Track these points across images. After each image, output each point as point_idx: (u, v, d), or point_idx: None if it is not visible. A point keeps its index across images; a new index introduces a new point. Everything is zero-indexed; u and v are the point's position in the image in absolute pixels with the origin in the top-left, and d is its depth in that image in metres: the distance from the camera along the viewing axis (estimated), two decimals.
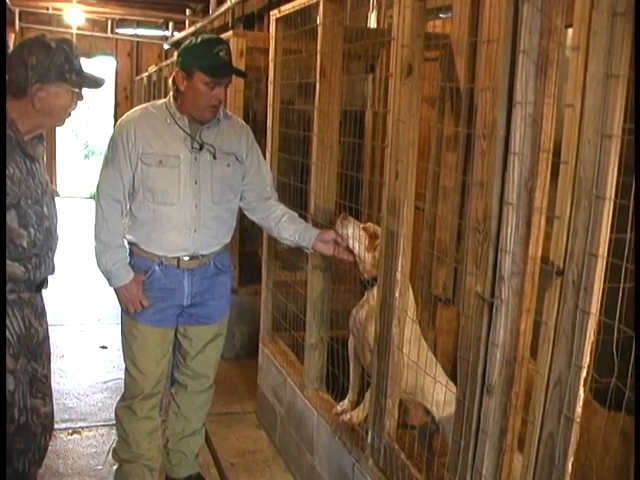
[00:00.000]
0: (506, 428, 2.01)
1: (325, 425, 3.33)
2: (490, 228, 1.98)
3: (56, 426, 4.19)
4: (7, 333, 2.65)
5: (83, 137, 21.34)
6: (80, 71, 2.64)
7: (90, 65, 13.22)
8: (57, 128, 13.03)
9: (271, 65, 4.10)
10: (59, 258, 2.93)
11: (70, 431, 4.28)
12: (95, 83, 2.72)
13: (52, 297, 5.86)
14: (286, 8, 3.79)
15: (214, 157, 3.17)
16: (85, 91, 2.73)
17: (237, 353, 5.48)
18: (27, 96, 2.56)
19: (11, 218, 2.57)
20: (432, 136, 4.21)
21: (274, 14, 3.98)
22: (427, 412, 3.09)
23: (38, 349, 2.85)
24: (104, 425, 4.35)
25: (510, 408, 2.00)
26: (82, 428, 4.32)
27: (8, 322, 2.65)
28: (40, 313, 2.85)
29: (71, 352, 5.62)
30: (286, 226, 3.34)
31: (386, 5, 4.89)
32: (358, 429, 3.08)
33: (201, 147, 3.14)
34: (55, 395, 4.63)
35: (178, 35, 11.33)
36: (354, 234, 3.16)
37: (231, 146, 3.25)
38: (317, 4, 3.33)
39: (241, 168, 3.30)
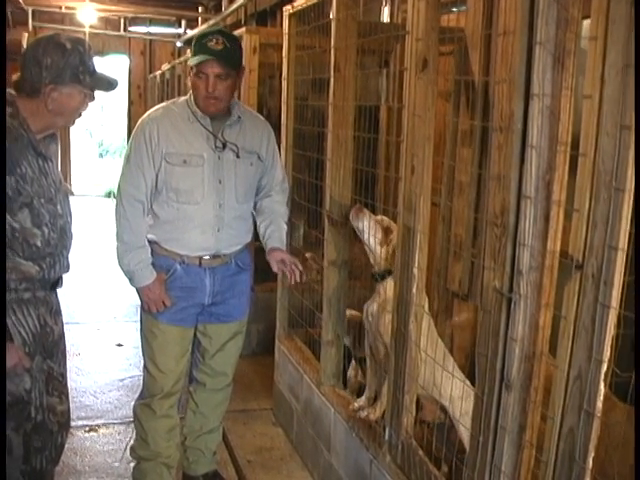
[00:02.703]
0: (525, 424, 2.00)
1: (342, 422, 3.32)
2: (508, 222, 1.97)
3: (73, 423, 4.19)
4: (22, 331, 2.64)
5: (97, 136, 21.44)
6: (94, 73, 2.63)
7: (103, 64, 13.25)
8: (71, 127, 13.14)
9: (284, 61, 4.08)
10: (74, 256, 2.92)
11: (87, 429, 4.29)
12: (108, 85, 2.71)
13: (68, 295, 5.88)
14: (299, 4, 3.78)
15: (237, 156, 3.15)
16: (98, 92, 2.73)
17: (253, 350, 5.47)
18: (40, 96, 2.55)
19: (24, 217, 2.57)
20: (447, 130, 4.19)
21: (287, 10, 3.97)
22: (442, 408, 3.09)
23: (54, 347, 2.85)
24: (121, 423, 4.36)
25: (529, 404, 1.98)
26: (99, 425, 4.33)
27: (23, 320, 2.65)
28: (55, 311, 2.85)
29: (87, 350, 5.63)
30: (262, 226, 3.39)
31: None
32: (375, 426, 3.06)
33: (224, 146, 3.12)
34: (72, 393, 4.64)
35: (191, 32, 11.33)
36: (368, 226, 3.16)
37: (253, 144, 3.22)
38: None
39: (261, 166, 3.29)
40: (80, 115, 2.71)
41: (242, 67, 3.15)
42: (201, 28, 10.38)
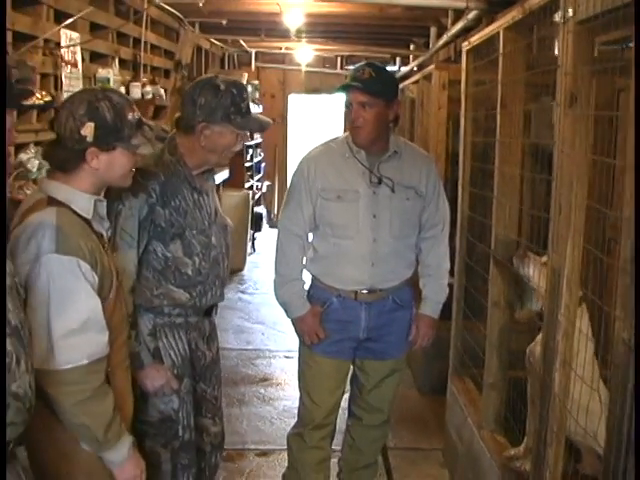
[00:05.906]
0: None
1: (496, 470, 3.18)
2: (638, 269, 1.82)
3: (245, 446, 4.38)
4: (172, 354, 2.79)
5: None
6: (246, 114, 2.73)
7: (319, 100, 13.71)
8: (288, 163, 13.63)
9: (462, 97, 4.02)
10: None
11: (258, 452, 4.39)
12: (259, 126, 2.82)
13: (264, 324, 6.13)
14: (474, 39, 3.73)
15: (392, 191, 3.14)
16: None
17: (433, 388, 5.36)
18: (194, 134, 2.71)
19: (176, 247, 2.73)
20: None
21: (465, 45, 3.92)
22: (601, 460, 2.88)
23: (207, 371, 2.98)
24: None
25: None
26: (269, 451, 4.42)
27: (174, 344, 2.79)
28: (209, 337, 2.97)
29: (273, 377, 5.77)
30: (421, 282, 3.40)
31: None
32: (527, 476, 2.91)
33: (379, 181, 3.13)
34: (249, 417, 4.85)
35: (404, 69, 11.43)
36: (533, 270, 3.06)
37: (411, 180, 3.19)
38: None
39: (421, 202, 3.24)
40: (233, 153, 2.83)
41: (395, 99, 3.13)
42: (413, 65, 10.46)
